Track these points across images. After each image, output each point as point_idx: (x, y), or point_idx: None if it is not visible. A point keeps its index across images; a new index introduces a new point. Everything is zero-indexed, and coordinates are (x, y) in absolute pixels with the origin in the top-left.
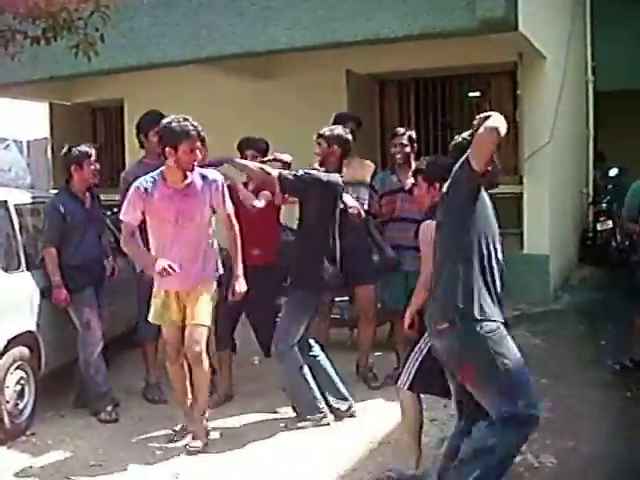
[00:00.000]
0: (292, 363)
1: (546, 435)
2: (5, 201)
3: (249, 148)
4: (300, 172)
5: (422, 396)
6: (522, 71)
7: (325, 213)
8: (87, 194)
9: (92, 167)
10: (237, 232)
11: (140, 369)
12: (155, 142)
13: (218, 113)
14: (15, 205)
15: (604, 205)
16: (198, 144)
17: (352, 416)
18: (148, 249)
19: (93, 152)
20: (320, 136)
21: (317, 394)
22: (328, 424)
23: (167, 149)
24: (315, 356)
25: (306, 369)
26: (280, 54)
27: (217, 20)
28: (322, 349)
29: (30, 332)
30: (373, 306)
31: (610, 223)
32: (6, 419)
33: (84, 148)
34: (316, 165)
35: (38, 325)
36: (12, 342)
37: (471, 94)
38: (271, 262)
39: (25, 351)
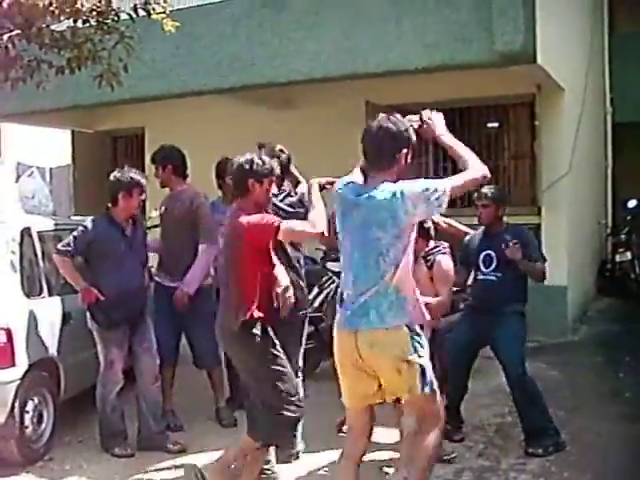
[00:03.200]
0: None
1: (564, 469)
2: (28, 228)
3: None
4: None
5: None
6: (540, 102)
7: None
8: (129, 222)
9: (141, 197)
10: None
11: None
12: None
13: (239, 143)
14: (38, 232)
15: (623, 236)
16: None
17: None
18: None
19: (144, 182)
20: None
21: None
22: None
23: None
24: None
25: None
26: (301, 85)
27: (239, 51)
28: None
29: (50, 358)
30: None
31: (629, 254)
32: (25, 444)
33: (136, 176)
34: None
35: (58, 351)
36: (33, 367)
37: (489, 125)
38: None
39: (45, 376)
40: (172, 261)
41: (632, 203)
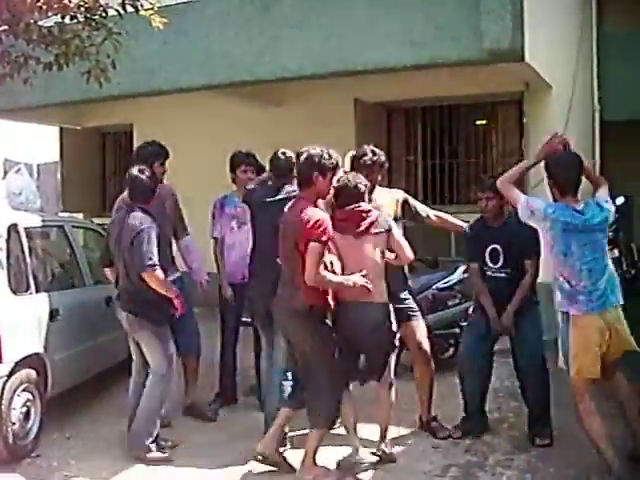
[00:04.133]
0: None
1: (550, 464)
2: (15, 224)
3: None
4: None
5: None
6: (529, 100)
7: None
8: None
9: None
10: None
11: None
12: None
13: (227, 140)
14: (25, 228)
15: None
16: None
17: None
18: None
19: None
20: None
21: None
22: None
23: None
24: None
25: None
26: (290, 82)
27: (228, 48)
28: None
29: (37, 354)
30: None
31: (616, 252)
32: (12, 440)
33: None
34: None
35: (45, 347)
36: (19, 364)
37: (478, 122)
38: None
39: (32, 373)
40: None
41: (619, 201)
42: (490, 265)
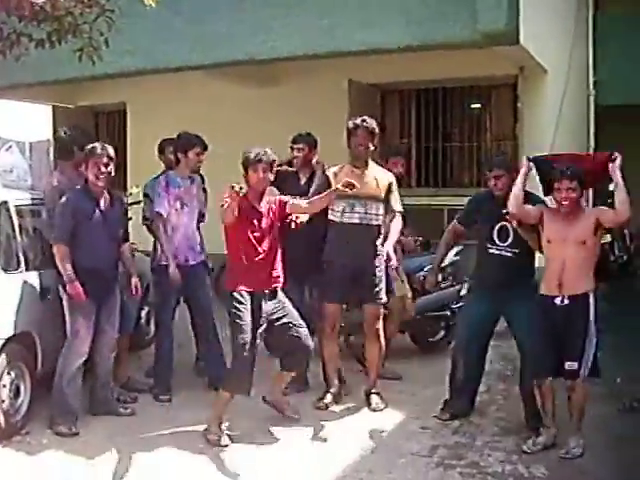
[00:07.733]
0: None
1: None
2: (6, 202)
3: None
4: None
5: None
6: (523, 84)
7: None
8: (106, 195)
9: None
10: None
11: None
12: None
13: (220, 119)
14: (15, 206)
15: None
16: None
17: None
18: None
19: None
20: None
21: None
22: None
23: None
24: None
25: None
26: (283, 62)
27: (220, 28)
28: None
29: (27, 332)
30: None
31: (608, 237)
32: (1, 418)
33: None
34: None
35: (35, 325)
36: (9, 341)
37: (472, 106)
38: None
39: (22, 351)
40: None
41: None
42: (497, 243)
